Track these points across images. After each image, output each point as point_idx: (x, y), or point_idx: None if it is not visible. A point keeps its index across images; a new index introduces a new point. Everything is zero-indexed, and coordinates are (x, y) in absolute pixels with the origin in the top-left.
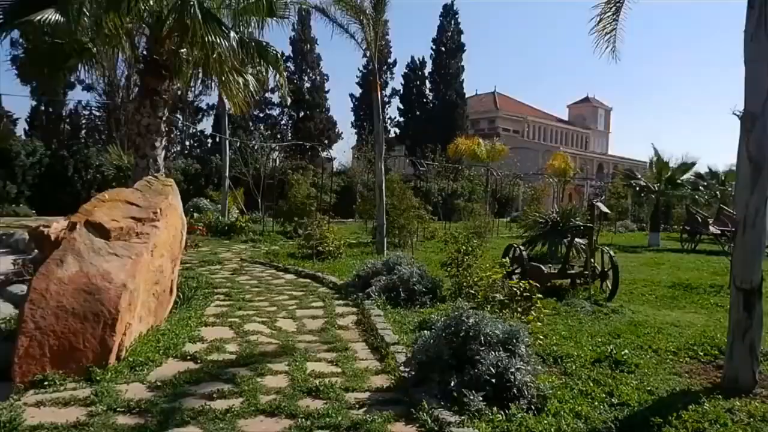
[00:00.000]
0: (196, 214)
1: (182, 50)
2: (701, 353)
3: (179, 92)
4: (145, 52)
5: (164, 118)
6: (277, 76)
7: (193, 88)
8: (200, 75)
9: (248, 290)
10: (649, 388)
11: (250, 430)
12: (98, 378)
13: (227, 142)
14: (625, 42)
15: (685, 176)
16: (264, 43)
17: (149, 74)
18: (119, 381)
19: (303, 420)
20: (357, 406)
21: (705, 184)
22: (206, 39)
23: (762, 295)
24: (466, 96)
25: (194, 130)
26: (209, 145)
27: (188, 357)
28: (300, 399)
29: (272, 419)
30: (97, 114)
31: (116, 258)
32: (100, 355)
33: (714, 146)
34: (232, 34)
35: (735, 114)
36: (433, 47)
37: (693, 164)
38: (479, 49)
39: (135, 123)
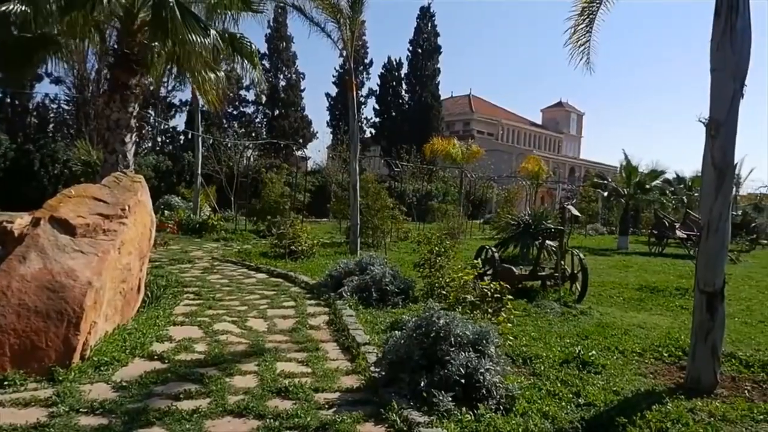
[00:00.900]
0: (167, 212)
1: (155, 44)
2: (666, 354)
3: (151, 87)
4: (115, 46)
5: (135, 113)
6: (253, 71)
7: (166, 84)
8: (173, 70)
9: (219, 289)
10: (615, 389)
11: (217, 430)
12: (61, 378)
13: (200, 138)
14: (598, 52)
15: (654, 182)
16: (238, 35)
17: (119, 68)
18: (83, 381)
19: (271, 420)
20: (326, 406)
21: (672, 189)
22: (181, 33)
23: (724, 298)
24: (442, 98)
25: (166, 126)
26: (182, 141)
27: (155, 357)
28: (269, 399)
29: (240, 420)
30: (66, 108)
31: (82, 255)
32: (64, 355)
33: (682, 152)
34: (212, 32)
35: (701, 121)
36: (410, 49)
37: (663, 172)
38: (455, 51)
39: (104, 118)
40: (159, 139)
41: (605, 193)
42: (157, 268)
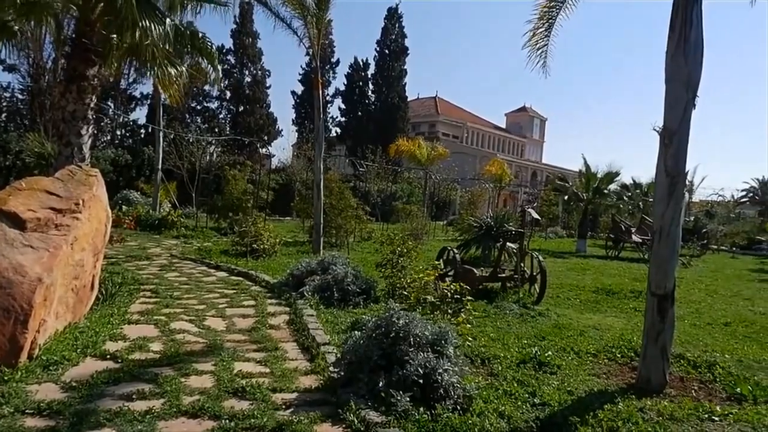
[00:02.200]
0: (125, 207)
1: (113, 35)
2: (619, 355)
3: (111, 79)
4: (73, 35)
5: (92, 105)
6: (212, 72)
7: (126, 76)
8: (134, 62)
9: (177, 287)
10: (569, 389)
11: (170, 431)
12: (6, 378)
13: (161, 133)
14: (562, 60)
15: (612, 186)
16: (200, 35)
17: (77, 58)
18: (30, 381)
19: (227, 421)
20: (284, 406)
21: (629, 194)
22: (139, 24)
23: (674, 301)
24: (408, 99)
25: (126, 120)
26: (143, 135)
27: (108, 356)
28: (225, 400)
29: (195, 420)
30: (20, 97)
31: (32, 250)
32: (10, 354)
33: (639, 159)
34: (168, 21)
35: (655, 130)
36: (377, 49)
37: (617, 173)
38: (422, 53)
39: (60, 109)
40: (118, 133)
41: (566, 197)
42: (113, 264)
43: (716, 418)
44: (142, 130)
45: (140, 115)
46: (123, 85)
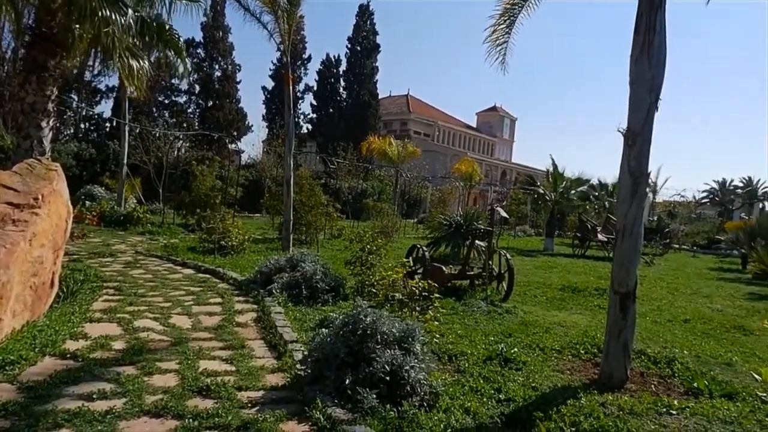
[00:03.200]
0: (88, 202)
1: (76, 25)
2: (582, 351)
3: (74, 70)
4: (33, 24)
5: (53, 97)
6: (180, 65)
7: (91, 68)
8: (98, 54)
9: (142, 285)
10: (534, 385)
11: (132, 431)
12: None
13: (127, 127)
14: (529, 60)
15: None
16: (167, 27)
17: (36, 48)
18: None
19: (191, 420)
20: (249, 405)
21: (596, 194)
22: (99, 14)
23: (636, 298)
24: (380, 97)
25: (91, 113)
26: (108, 129)
27: (68, 355)
28: (189, 399)
29: (157, 420)
30: None
31: None
32: None
33: (605, 159)
34: (130, 12)
35: (619, 131)
36: (349, 46)
37: (588, 181)
38: (394, 51)
39: (19, 100)
40: (82, 126)
41: (535, 196)
42: (75, 261)
43: (674, 412)
44: (108, 124)
45: (105, 108)
46: (87, 77)
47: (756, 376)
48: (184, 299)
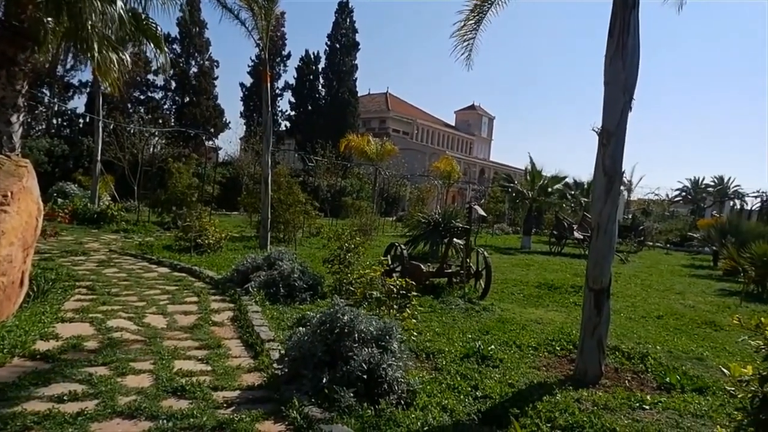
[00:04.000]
0: (60, 200)
1: (49, 18)
2: (558, 348)
3: (46, 65)
4: (2, 17)
5: (23, 92)
6: (160, 55)
7: (63, 62)
8: (71, 48)
9: (115, 284)
10: (510, 382)
11: None
12: None
13: (101, 123)
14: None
15: (556, 186)
16: (144, 16)
17: (5, 41)
18: None
19: (165, 421)
20: (225, 405)
21: (572, 193)
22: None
23: (610, 295)
24: (359, 94)
25: (64, 108)
26: (81, 125)
27: (38, 356)
28: (163, 399)
29: (130, 421)
30: None
31: None
32: None
33: (582, 158)
34: (119, 2)
35: (594, 130)
36: (328, 43)
37: (564, 178)
38: (373, 49)
39: None
40: (55, 122)
41: (513, 194)
42: (46, 260)
43: (647, 407)
44: (81, 120)
45: (79, 103)
46: (60, 72)
47: (725, 371)
48: (159, 298)
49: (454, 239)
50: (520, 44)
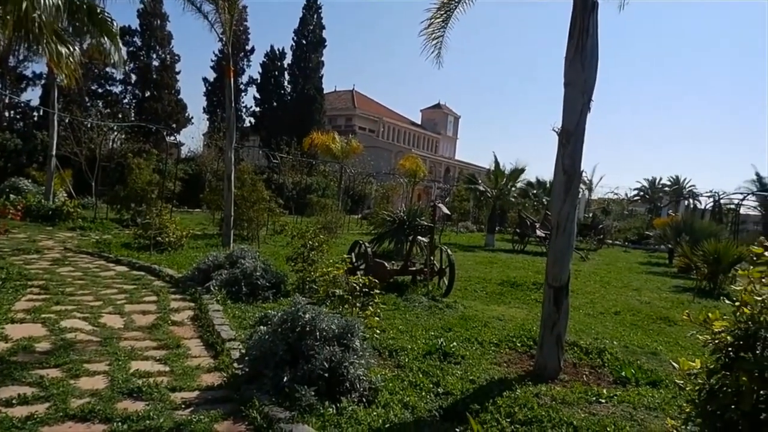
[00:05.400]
0: (12, 196)
1: None
2: (519, 344)
3: None
4: None
5: None
6: (115, 52)
7: (16, 53)
8: (23, 39)
9: (70, 283)
10: (471, 378)
11: None
12: None
13: (56, 116)
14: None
15: (519, 184)
16: (99, 9)
17: None
18: None
19: (119, 424)
20: (183, 406)
21: (534, 192)
22: None
23: (569, 292)
24: (325, 91)
25: (17, 101)
26: (35, 118)
27: None
28: (118, 401)
29: (83, 425)
30: None
31: None
32: None
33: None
34: None
35: (554, 130)
36: (294, 39)
37: (523, 170)
38: (340, 46)
39: None
40: (7, 114)
41: (477, 193)
42: None
43: (603, 401)
44: (35, 113)
45: (33, 96)
46: (12, 63)
47: (674, 365)
48: (117, 298)
49: (419, 237)
50: (485, 44)
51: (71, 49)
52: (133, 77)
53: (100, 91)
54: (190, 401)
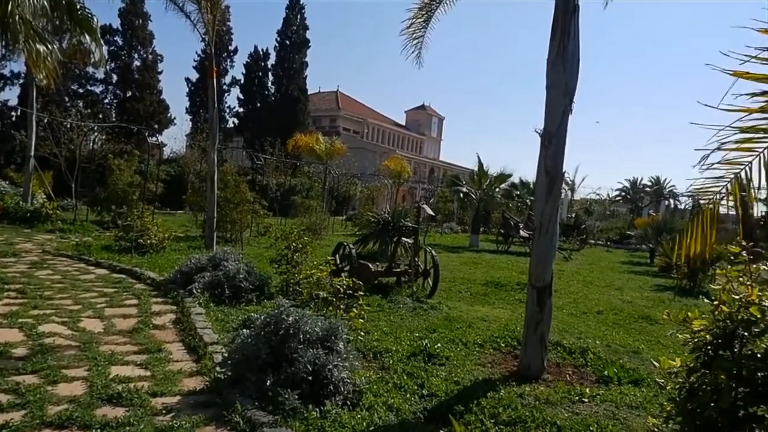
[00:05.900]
0: None
1: None
2: (503, 345)
3: None
4: None
5: None
6: (95, 49)
7: None
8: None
9: (49, 287)
10: (456, 379)
11: None
12: None
13: (35, 116)
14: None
15: (503, 185)
16: (79, 5)
17: None
18: None
19: (98, 431)
20: (164, 411)
21: (518, 193)
22: None
23: (552, 292)
24: (309, 92)
25: None
26: (13, 118)
27: None
28: (98, 408)
29: None
30: None
31: None
32: None
33: (527, 159)
34: None
35: (536, 132)
36: (278, 40)
37: (509, 175)
38: (324, 46)
39: None
40: None
41: (461, 194)
42: None
43: (586, 400)
44: (13, 113)
45: (11, 95)
46: None
47: (655, 363)
48: (97, 301)
49: (403, 238)
50: (469, 45)
51: (50, 48)
52: (114, 77)
53: (80, 90)
54: (171, 406)
